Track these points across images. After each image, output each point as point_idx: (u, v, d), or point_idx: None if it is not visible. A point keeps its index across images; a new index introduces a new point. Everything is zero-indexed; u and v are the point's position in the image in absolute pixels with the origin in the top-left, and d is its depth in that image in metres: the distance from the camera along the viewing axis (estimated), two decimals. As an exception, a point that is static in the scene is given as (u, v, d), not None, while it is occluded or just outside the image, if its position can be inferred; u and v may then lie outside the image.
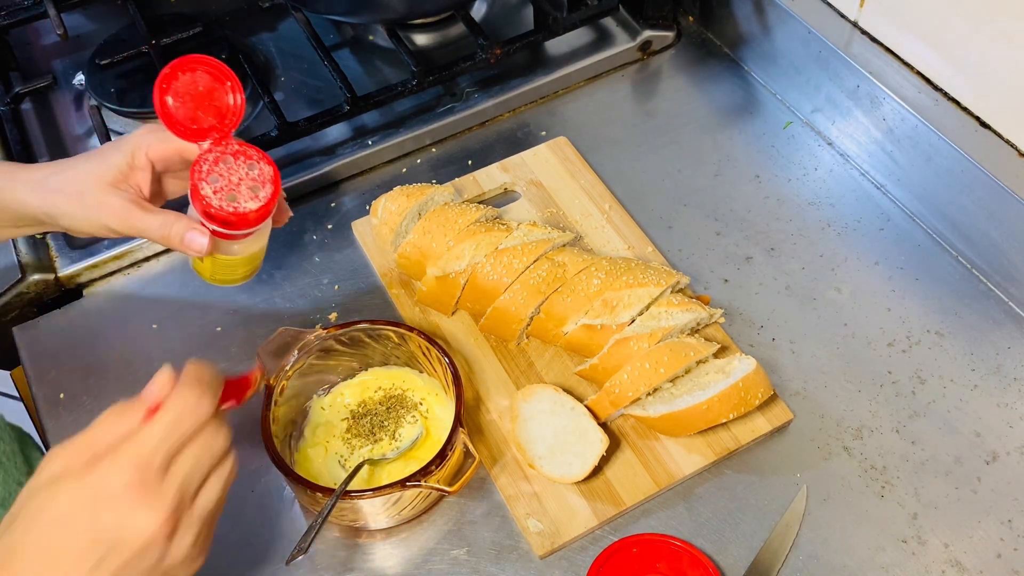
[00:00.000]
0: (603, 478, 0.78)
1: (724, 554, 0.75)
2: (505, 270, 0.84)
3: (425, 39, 1.15)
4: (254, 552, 0.77)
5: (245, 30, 1.17)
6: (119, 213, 0.73)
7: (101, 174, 0.73)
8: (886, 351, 0.87)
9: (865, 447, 0.81)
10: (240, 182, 0.70)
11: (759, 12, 1.07)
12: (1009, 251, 0.87)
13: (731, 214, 0.97)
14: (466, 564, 0.75)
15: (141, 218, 0.73)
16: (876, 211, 0.97)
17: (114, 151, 0.74)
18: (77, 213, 0.74)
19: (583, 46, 1.12)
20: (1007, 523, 0.76)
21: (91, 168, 0.73)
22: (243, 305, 0.92)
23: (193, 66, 0.71)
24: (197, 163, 0.70)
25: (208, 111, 0.71)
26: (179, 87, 0.70)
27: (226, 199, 0.69)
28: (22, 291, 0.93)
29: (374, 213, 0.93)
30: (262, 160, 0.71)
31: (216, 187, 0.69)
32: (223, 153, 0.70)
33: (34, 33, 1.20)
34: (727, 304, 0.90)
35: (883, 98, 0.95)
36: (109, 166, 0.73)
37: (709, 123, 1.06)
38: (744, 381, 0.77)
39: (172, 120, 0.70)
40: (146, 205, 0.73)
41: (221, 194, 0.69)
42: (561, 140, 1.03)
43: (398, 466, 0.78)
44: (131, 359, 0.89)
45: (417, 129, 1.05)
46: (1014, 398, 0.83)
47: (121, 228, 0.74)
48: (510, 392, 0.84)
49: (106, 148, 0.75)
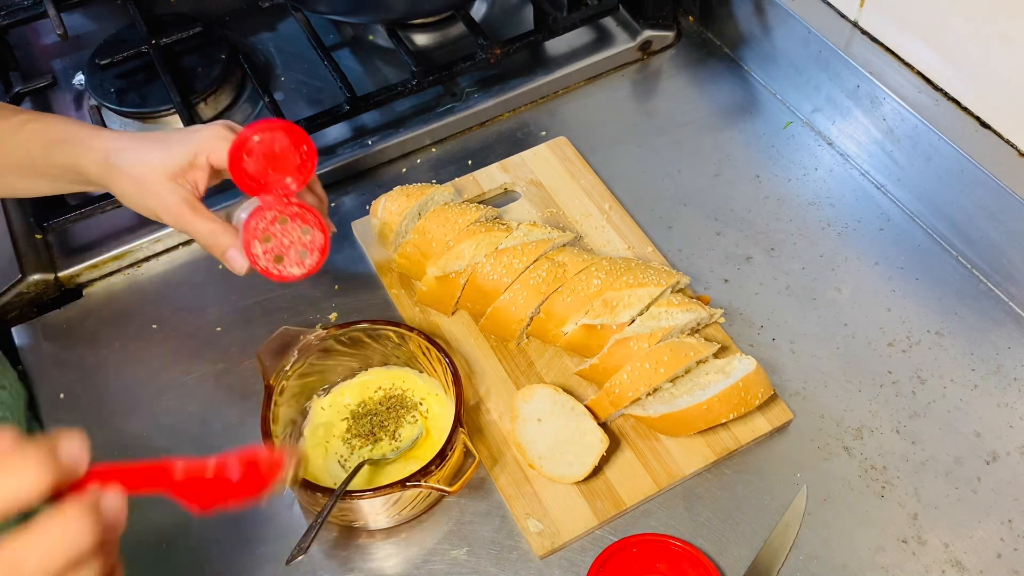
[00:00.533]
0: (603, 478, 0.78)
1: (724, 554, 0.75)
2: (505, 270, 0.84)
3: (425, 39, 1.15)
4: (254, 552, 0.77)
5: (245, 30, 1.17)
6: (172, 210, 0.75)
7: (163, 165, 0.74)
8: (886, 351, 0.87)
9: (865, 447, 0.81)
10: (291, 245, 0.73)
11: (759, 12, 1.07)
12: (1009, 251, 0.87)
13: (731, 214, 0.97)
14: (466, 564, 0.75)
15: (192, 220, 0.75)
16: (876, 211, 0.97)
17: (179, 145, 0.75)
18: (133, 196, 0.76)
19: (583, 46, 1.12)
20: (1007, 523, 0.76)
21: (154, 156, 0.75)
22: (243, 305, 0.92)
23: (273, 127, 0.72)
24: (254, 217, 0.72)
25: (278, 169, 0.72)
26: (255, 146, 0.72)
27: (273, 260, 0.72)
28: (22, 291, 0.93)
29: (374, 213, 0.93)
30: (317, 227, 0.73)
31: (267, 247, 0.72)
32: (281, 212, 0.72)
33: (34, 33, 1.20)
34: (727, 304, 0.90)
35: (883, 98, 0.95)
36: (172, 159, 0.75)
37: (709, 123, 1.06)
38: (744, 381, 0.77)
39: (242, 175, 0.72)
40: (199, 207, 0.75)
41: (270, 254, 0.72)
42: (561, 140, 1.03)
43: (398, 466, 0.78)
44: (131, 359, 0.89)
45: (417, 129, 1.05)
46: (1014, 398, 0.83)
47: (170, 223, 0.76)
48: (510, 392, 0.84)
49: (171, 139, 0.76)
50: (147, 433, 0.84)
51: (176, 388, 0.87)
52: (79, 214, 0.94)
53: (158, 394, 0.86)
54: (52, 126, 0.77)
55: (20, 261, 0.93)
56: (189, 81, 1.06)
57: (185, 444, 0.83)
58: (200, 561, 0.76)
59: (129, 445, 0.83)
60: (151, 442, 0.83)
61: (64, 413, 0.85)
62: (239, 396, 0.86)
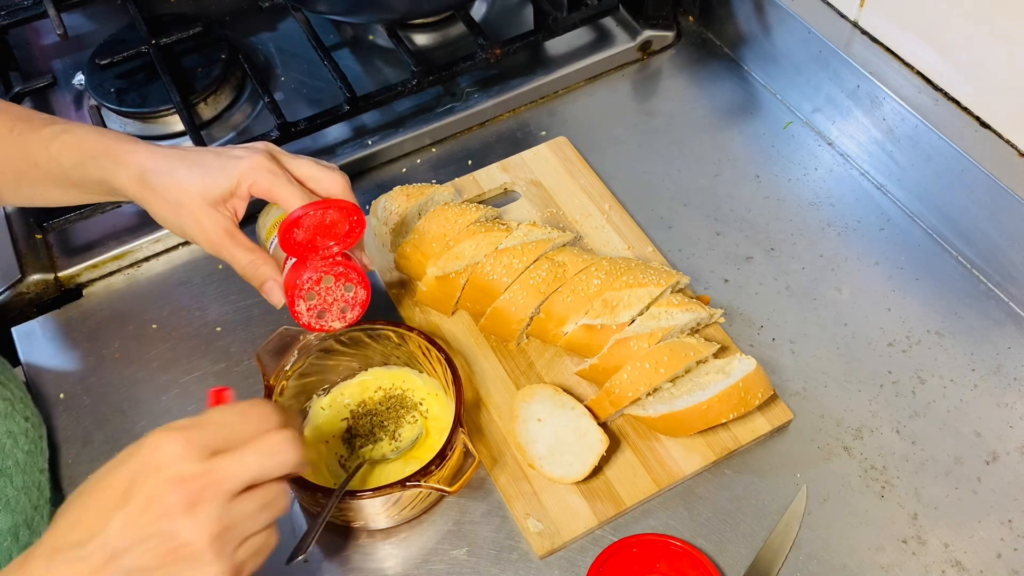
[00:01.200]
0: (603, 478, 0.78)
1: (724, 554, 0.75)
2: (505, 270, 0.84)
3: (425, 39, 1.15)
4: (254, 552, 0.77)
5: (245, 30, 1.17)
6: (211, 238, 0.74)
7: (203, 192, 0.73)
8: (886, 351, 0.87)
9: (865, 447, 0.81)
10: (334, 303, 0.74)
11: (759, 12, 1.07)
12: (1009, 251, 0.87)
13: (731, 214, 0.97)
14: (466, 564, 0.75)
15: (231, 249, 0.74)
16: (876, 211, 0.97)
17: (221, 173, 0.73)
18: (170, 219, 0.74)
19: (583, 46, 1.12)
20: (1007, 523, 0.76)
21: (194, 182, 0.73)
22: (243, 305, 0.92)
23: (328, 206, 0.74)
24: (298, 276, 0.72)
25: (326, 236, 0.73)
26: (307, 220, 0.73)
27: (316, 315, 0.73)
28: (22, 291, 0.93)
29: (374, 213, 0.93)
30: (360, 284, 0.74)
31: (310, 304, 0.73)
32: (327, 272, 0.72)
33: (34, 33, 1.20)
34: (727, 304, 0.90)
35: (883, 98, 0.95)
36: (212, 186, 0.73)
37: (709, 123, 1.06)
38: (744, 381, 0.77)
39: (291, 245, 0.72)
40: (238, 236, 0.75)
41: (312, 311, 0.73)
42: (561, 140, 1.03)
43: (398, 466, 0.78)
44: (131, 359, 0.89)
45: (417, 129, 1.05)
46: (1014, 398, 0.83)
47: (208, 249, 0.76)
48: (510, 392, 0.84)
49: (212, 163, 0.74)
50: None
51: (176, 388, 0.86)
52: (79, 214, 0.94)
53: (158, 394, 0.86)
54: (86, 139, 0.76)
55: (20, 261, 0.93)
56: (189, 81, 1.06)
57: (185, 444, 0.83)
58: (200, 561, 0.76)
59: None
60: (151, 442, 0.83)
61: (64, 413, 0.85)
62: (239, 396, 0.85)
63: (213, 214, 0.73)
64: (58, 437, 0.84)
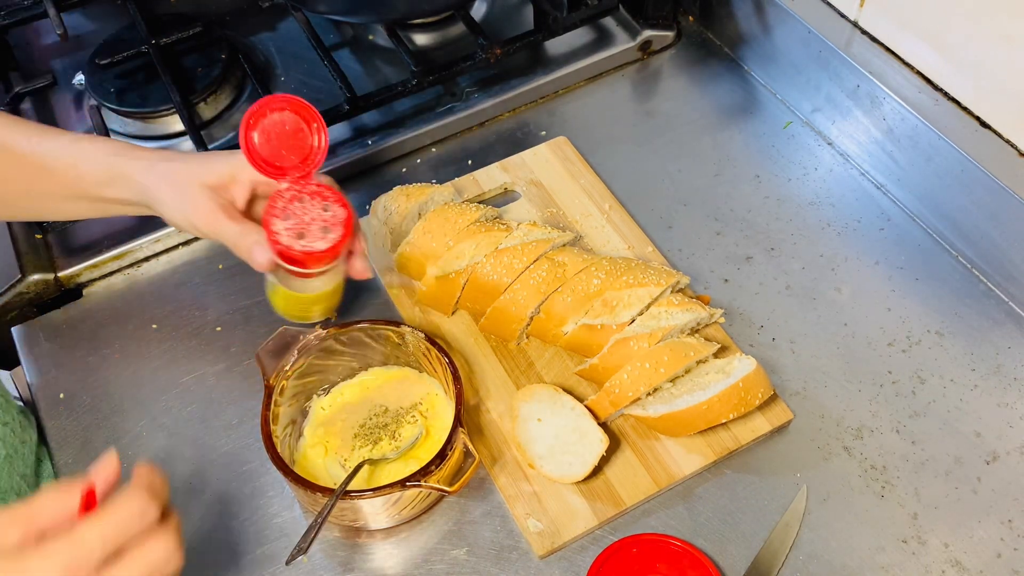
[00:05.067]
0: (603, 478, 0.78)
1: (724, 554, 0.75)
2: (505, 270, 0.84)
3: (425, 39, 1.15)
4: (254, 552, 0.77)
5: (245, 30, 1.17)
6: (207, 214, 0.76)
7: (203, 176, 0.77)
8: (886, 351, 0.87)
9: (865, 447, 0.81)
10: (312, 222, 0.72)
11: (759, 12, 1.07)
12: (1009, 251, 0.87)
13: (731, 214, 0.97)
14: (466, 564, 0.75)
15: (224, 223, 0.76)
16: (876, 211, 0.97)
17: (220, 160, 0.77)
18: (174, 203, 0.77)
19: (583, 46, 1.12)
20: (1007, 523, 0.76)
21: (194, 168, 0.77)
22: (243, 305, 0.92)
23: (281, 105, 0.72)
24: (273, 199, 0.72)
25: (291, 150, 0.72)
26: (266, 125, 0.72)
27: (295, 237, 0.71)
28: (22, 291, 0.93)
29: (374, 213, 0.93)
30: (337, 203, 0.73)
31: (288, 224, 0.71)
32: (300, 192, 0.72)
33: (34, 33, 1.20)
34: (727, 304, 0.90)
35: (883, 98, 0.95)
36: (212, 171, 0.77)
37: (709, 123, 1.06)
38: (744, 381, 0.77)
39: (255, 157, 0.72)
40: (233, 213, 0.77)
41: (291, 232, 0.71)
42: (561, 140, 1.03)
43: (398, 466, 0.78)
44: (131, 359, 0.89)
45: (417, 129, 1.05)
46: (1014, 398, 0.83)
47: (205, 229, 0.77)
48: (510, 392, 0.84)
49: (212, 155, 0.79)
50: (147, 433, 0.84)
51: (176, 388, 0.87)
52: (79, 214, 0.94)
53: (158, 394, 0.86)
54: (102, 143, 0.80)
55: (20, 261, 0.93)
56: (189, 81, 1.06)
57: (185, 444, 0.83)
58: (200, 561, 0.76)
59: (129, 445, 0.83)
60: (151, 442, 0.83)
61: (64, 413, 0.85)
62: (239, 396, 0.86)
63: (209, 194, 0.76)
64: (58, 437, 0.84)
